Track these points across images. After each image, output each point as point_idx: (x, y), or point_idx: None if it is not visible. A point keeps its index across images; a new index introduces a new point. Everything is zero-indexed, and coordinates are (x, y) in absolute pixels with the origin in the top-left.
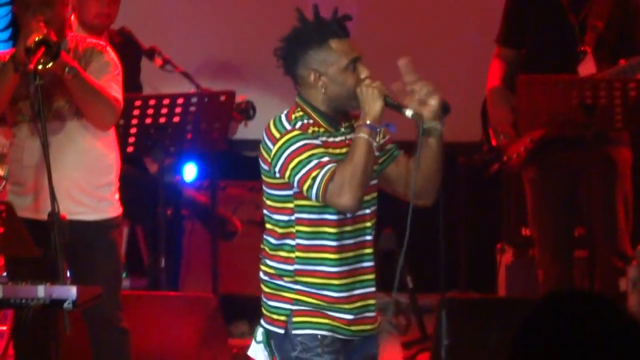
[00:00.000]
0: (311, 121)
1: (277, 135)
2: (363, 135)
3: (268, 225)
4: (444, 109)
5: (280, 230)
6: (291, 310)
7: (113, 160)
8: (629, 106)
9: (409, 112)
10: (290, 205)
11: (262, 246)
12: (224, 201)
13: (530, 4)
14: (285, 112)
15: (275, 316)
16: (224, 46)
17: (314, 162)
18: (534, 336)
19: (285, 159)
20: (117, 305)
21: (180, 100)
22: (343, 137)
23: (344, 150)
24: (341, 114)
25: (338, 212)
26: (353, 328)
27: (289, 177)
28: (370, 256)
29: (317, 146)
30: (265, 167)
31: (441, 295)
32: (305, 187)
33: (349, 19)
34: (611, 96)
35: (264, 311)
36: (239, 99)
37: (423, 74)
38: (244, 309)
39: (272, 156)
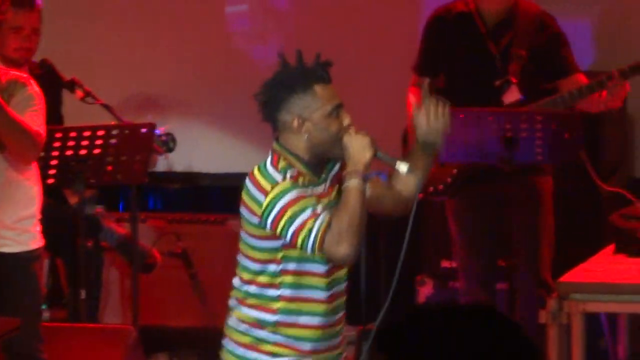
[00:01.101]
0: (295, 170)
1: (268, 187)
2: (355, 182)
3: (245, 275)
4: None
5: (263, 280)
6: None
7: (35, 193)
8: (550, 138)
9: (403, 167)
10: (278, 256)
11: (235, 294)
12: (143, 233)
13: (448, 32)
14: (268, 160)
15: None
16: (145, 78)
17: (309, 212)
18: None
19: (279, 211)
20: (38, 338)
21: (100, 132)
22: (323, 187)
23: (325, 201)
24: (321, 162)
25: (326, 263)
26: None
27: (281, 230)
28: (344, 305)
29: (309, 196)
30: (254, 219)
31: (362, 327)
32: (300, 239)
33: (329, 65)
34: (532, 129)
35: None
36: (159, 130)
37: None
38: (164, 341)
39: (263, 209)
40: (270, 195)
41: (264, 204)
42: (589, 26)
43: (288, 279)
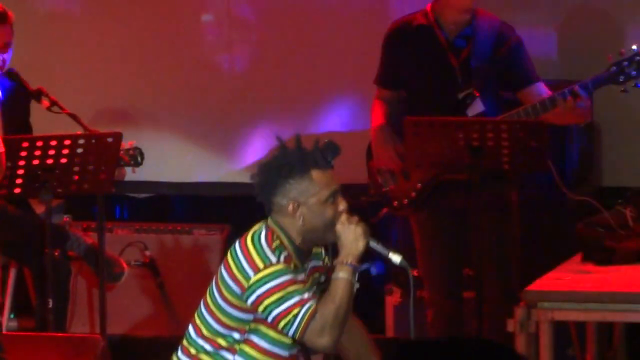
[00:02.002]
0: (287, 253)
1: (261, 265)
2: (346, 274)
3: (205, 332)
4: (333, 150)
5: (222, 343)
6: None
7: None
8: (516, 147)
9: (396, 258)
10: (245, 327)
11: (187, 345)
12: (110, 242)
13: (408, 44)
14: (262, 235)
15: None
16: (112, 89)
17: (296, 298)
18: None
19: (265, 292)
20: None
21: (67, 142)
22: (303, 275)
23: (307, 286)
24: (309, 249)
25: (290, 349)
26: None
27: (264, 309)
28: None
29: (298, 282)
30: (236, 289)
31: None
32: (282, 323)
33: (333, 150)
34: (498, 137)
35: None
36: (127, 144)
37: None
38: (132, 350)
39: (249, 283)
40: (262, 274)
41: (252, 280)
42: (554, 35)
43: (247, 349)
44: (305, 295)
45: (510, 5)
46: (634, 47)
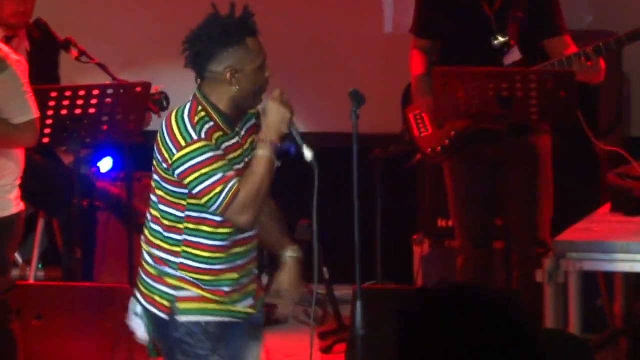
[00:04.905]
0: (212, 123)
1: (183, 142)
2: (267, 152)
3: (154, 212)
4: (359, 100)
5: (167, 223)
6: (175, 297)
7: (2, 162)
8: (545, 98)
9: (308, 154)
10: (183, 202)
11: (145, 230)
12: (139, 193)
13: None
14: (187, 108)
15: (157, 298)
16: (138, 37)
17: (219, 176)
18: (415, 334)
19: (188, 168)
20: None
21: (96, 92)
22: (237, 139)
23: (238, 152)
24: (239, 116)
25: (229, 237)
26: (240, 311)
27: (188, 184)
28: (253, 249)
29: (221, 158)
30: (164, 164)
31: (357, 285)
32: (205, 200)
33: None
34: (527, 88)
35: (144, 290)
36: (153, 90)
37: (340, 67)
38: None
39: (173, 160)
40: (183, 152)
41: (176, 157)
42: None
43: (189, 225)
44: (229, 173)
45: None
46: None
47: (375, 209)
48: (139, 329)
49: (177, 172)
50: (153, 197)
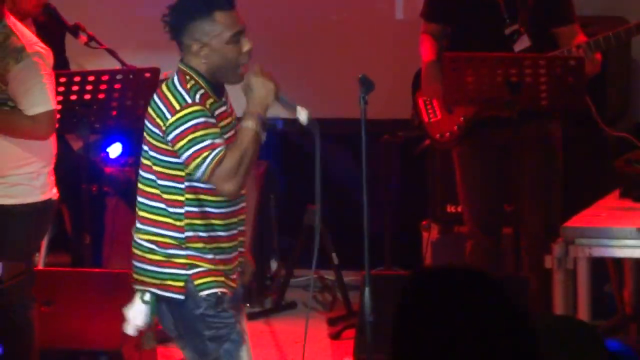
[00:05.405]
0: (203, 91)
1: (177, 106)
2: (253, 124)
3: (153, 190)
4: (368, 85)
5: (168, 197)
6: (188, 275)
7: (35, 147)
8: (554, 84)
9: (303, 115)
10: (181, 173)
11: (142, 215)
12: None
13: None
14: (176, 79)
15: (170, 282)
16: (148, 23)
17: (208, 142)
18: (409, 315)
19: (182, 132)
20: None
21: (105, 77)
22: (225, 108)
23: (228, 120)
24: (222, 84)
25: (231, 205)
26: (233, 284)
27: (179, 149)
28: (243, 221)
29: (213, 125)
30: (157, 131)
31: (366, 271)
32: (193, 165)
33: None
34: (536, 73)
35: (151, 279)
36: (162, 75)
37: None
38: None
39: (167, 125)
40: (178, 115)
41: (170, 121)
42: None
43: (191, 196)
44: (217, 140)
45: None
46: None
47: (384, 194)
48: (141, 315)
49: (170, 136)
50: (149, 176)
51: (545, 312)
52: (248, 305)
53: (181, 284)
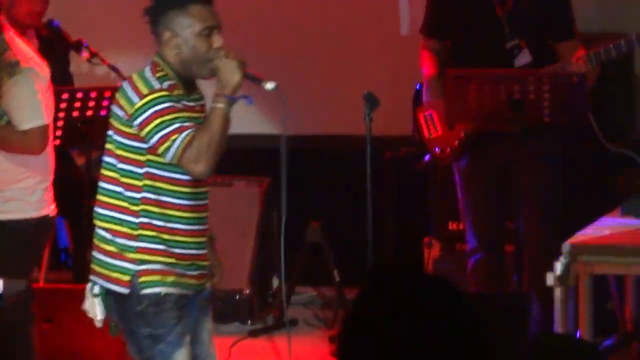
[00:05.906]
0: (173, 81)
1: (145, 91)
2: (221, 105)
3: (112, 174)
4: (373, 102)
5: (126, 181)
6: (135, 271)
7: (30, 162)
8: (557, 100)
9: (270, 85)
10: (142, 158)
11: (100, 199)
12: None
13: None
14: (147, 68)
15: (117, 275)
16: (151, 39)
17: (176, 125)
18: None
19: (149, 116)
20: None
21: (107, 94)
22: (194, 104)
23: (198, 114)
24: (193, 79)
25: (192, 198)
26: (195, 284)
27: (146, 134)
28: (206, 219)
29: (181, 110)
30: (123, 115)
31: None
32: (162, 148)
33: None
34: (539, 90)
35: (103, 270)
36: None
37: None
38: None
39: (135, 108)
40: (146, 99)
41: (137, 105)
42: None
43: (151, 183)
44: (186, 124)
45: None
46: None
47: (386, 211)
48: (95, 308)
49: (137, 121)
50: (110, 160)
51: (546, 332)
52: (249, 322)
53: (128, 278)
